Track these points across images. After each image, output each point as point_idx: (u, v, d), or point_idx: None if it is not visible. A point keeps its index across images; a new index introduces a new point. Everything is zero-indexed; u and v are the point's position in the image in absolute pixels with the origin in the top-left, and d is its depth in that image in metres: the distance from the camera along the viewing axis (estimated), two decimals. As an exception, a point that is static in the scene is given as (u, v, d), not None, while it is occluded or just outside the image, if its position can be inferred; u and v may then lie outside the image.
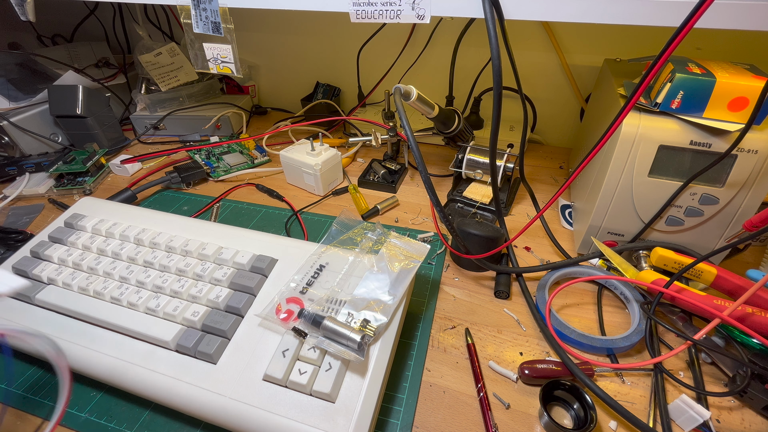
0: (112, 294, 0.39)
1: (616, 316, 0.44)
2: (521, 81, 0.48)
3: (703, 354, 0.39)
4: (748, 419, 0.34)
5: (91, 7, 0.90)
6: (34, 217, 0.60)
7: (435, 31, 0.73)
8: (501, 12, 0.37)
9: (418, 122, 0.78)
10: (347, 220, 0.45)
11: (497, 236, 0.46)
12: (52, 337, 0.33)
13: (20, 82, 0.74)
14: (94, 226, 0.46)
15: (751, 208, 0.40)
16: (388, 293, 0.37)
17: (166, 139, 0.81)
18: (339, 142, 0.76)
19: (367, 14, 0.40)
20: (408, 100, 0.48)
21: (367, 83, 0.84)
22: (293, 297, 0.36)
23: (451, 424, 0.34)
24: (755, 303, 0.36)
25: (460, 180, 0.63)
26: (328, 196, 0.64)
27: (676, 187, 0.41)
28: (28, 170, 0.67)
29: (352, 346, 0.32)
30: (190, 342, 0.34)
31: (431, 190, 0.39)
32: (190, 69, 0.83)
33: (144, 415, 0.35)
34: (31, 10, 0.50)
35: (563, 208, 0.59)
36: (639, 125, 0.39)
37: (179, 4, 0.46)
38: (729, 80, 0.36)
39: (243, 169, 0.69)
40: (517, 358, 0.39)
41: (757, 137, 0.37)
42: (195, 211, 0.60)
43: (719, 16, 0.32)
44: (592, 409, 0.33)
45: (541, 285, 0.44)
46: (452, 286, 0.48)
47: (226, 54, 0.49)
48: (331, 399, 0.31)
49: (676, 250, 0.42)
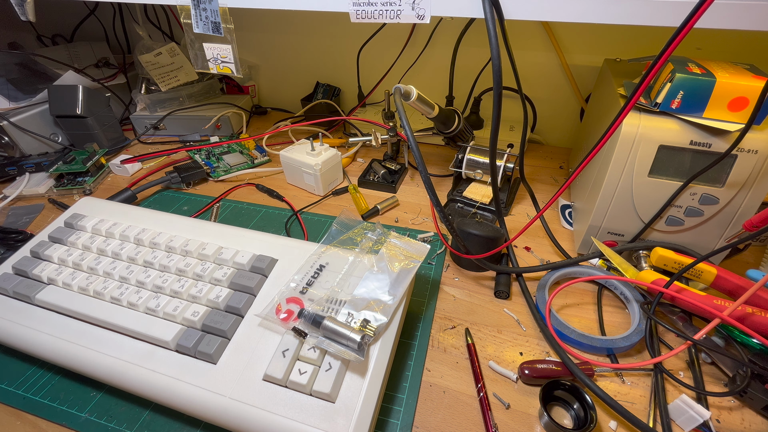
0: (112, 294, 0.39)
1: (616, 316, 0.44)
2: (521, 81, 0.48)
3: (703, 354, 0.39)
4: (748, 419, 0.34)
5: (91, 7, 0.90)
6: (34, 217, 0.60)
7: (435, 31, 0.73)
8: (501, 12, 0.37)
9: (418, 122, 0.78)
10: (347, 220, 0.45)
11: (497, 236, 0.46)
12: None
13: (20, 82, 0.74)
14: (94, 226, 0.46)
15: (751, 208, 0.40)
16: (388, 293, 0.37)
17: (166, 139, 0.81)
18: (339, 142, 0.76)
19: (367, 14, 0.40)
20: (408, 100, 0.48)
21: (367, 83, 0.83)
22: (293, 297, 0.36)
23: (451, 424, 0.34)
24: (755, 303, 0.36)
25: (460, 180, 0.63)
26: (328, 196, 0.64)
27: (676, 187, 0.41)
28: (28, 170, 0.67)
29: (352, 346, 0.32)
30: (190, 342, 0.34)
31: (431, 190, 0.39)
32: (190, 69, 0.83)
33: (144, 415, 0.35)
34: (31, 10, 0.50)
35: (563, 208, 0.59)
36: (639, 125, 0.39)
37: (179, 4, 0.46)
38: (729, 80, 0.36)
39: (243, 169, 0.69)
40: (517, 358, 0.39)
41: (757, 137, 0.37)
42: (195, 211, 0.60)
43: (719, 16, 0.32)
44: (592, 409, 0.33)
45: (541, 285, 0.44)
46: (452, 286, 0.48)
47: (226, 54, 0.49)
48: (331, 399, 0.31)
49: (676, 250, 0.42)
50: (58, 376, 0.38)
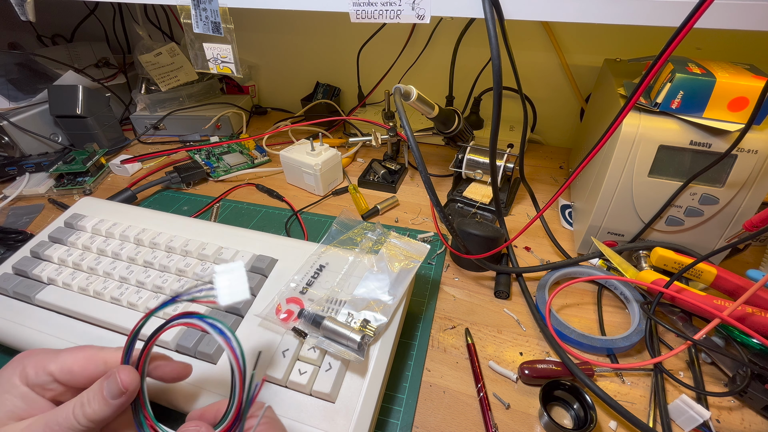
0: (112, 294, 0.39)
1: (616, 316, 0.44)
2: (521, 81, 0.48)
3: (703, 354, 0.39)
4: (748, 419, 0.34)
5: (91, 7, 0.90)
6: (34, 217, 0.60)
7: (435, 31, 0.73)
8: (501, 12, 0.37)
9: (418, 122, 0.78)
10: (347, 220, 0.45)
11: (497, 236, 0.46)
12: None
13: (20, 82, 0.74)
14: (94, 226, 0.46)
15: (751, 208, 0.40)
16: (388, 293, 0.37)
17: (166, 139, 0.81)
18: (339, 142, 0.76)
19: (367, 14, 0.40)
20: (408, 100, 0.48)
21: (367, 83, 0.83)
22: (293, 297, 0.36)
23: (451, 424, 0.34)
24: (755, 303, 0.36)
25: (460, 180, 0.63)
26: (328, 196, 0.64)
27: (676, 187, 0.41)
28: (28, 170, 0.67)
29: (352, 347, 0.32)
30: (190, 342, 0.34)
31: (431, 190, 0.39)
32: (190, 69, 0.82)
33: (144, 415, 0.35)
34: (31, 10, 0.50)
35: (563, 208, 0.59)
36: (639, 125, 0.39)
37: (179, 4, 0.46)
38: (729, 80, 0.36)
39: (243, 169, 0.69)
40: (517, 358, 0.39)
41: (757, 137, 0.37)
42: (195, 211, 0.60)
43: (719, 16, 0.32)
44: (592, 409, 0.33)
45: (541, 285, 0.44)
46: (452, 286, 0.48)
47: (226, 54, 0.49)
48: (331, 399, 0.31)
49: (676, 250, 0.42)
50: (58, 376, 0.38)
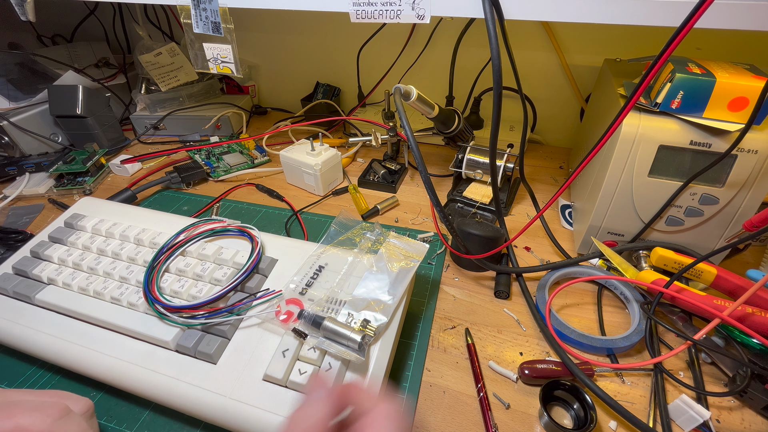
0: (112, 294, 0.39)
1: (616, 316, 0.44)
2: (521, 81, 0.48)
3: (703, 354, 0.39)
4: (748, 419, 0.34)
5: (91, 7, 0.90)
6: (34, 217, 0.60)
7: (435, 31, 0.73)
8: (501, 12, 0.37)
9: (418, 122, 0.78)
10: (346, 221, 0.45)
11: (497, 236, 0.46)
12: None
13: (20, 82, 0.74)
14: (94, 226, 0.46)
15: (751, 208, 0.40)
16: (388, 293, 0.36)
17: (166, 139, 0.81)
18: (339, 142, 0.76)
19: (367, 14, 0.40)
20: (408, 100, 0.48)
21: (367, 83, 0.83)
22: (293, 298, 0.36)
23: (451, 424, 0.34)
24: (755, 303, 0.36)
25: (460, 180, 0.63)
26: (328, 196, 0.64)
27: (676, 187, 0.41)
28: (28, 170, 0.67)
29: (352, 347, 0.32)
30: (190, 342, 0.34)
31: (431, 190, 0.39)
32: (190, 69, 0.82)
33: (144, 415, 0.35)
34: (31, 10, 0.50)
35: (563, 208, 0.59)
36: (639, 125, 0.39)
37: (179, 4, 0.46)
38: (729, 80, 0.36)
39: (243, 169, 0.69)
40: (517, 358, 0.39)
41: (757, 137, 0.37)
42: (195, 211, 0.60)
43: (719, 16, 0.32)
44: (592, 409, 0.33)
45: (541, 285, 0.44)
46: (452, 286, 0.48)
47: (226, 54, 0.49)
48: (331, 399, 0.31)
49: (676, 250, 0.42)
50: (58, 376, 0.38)
